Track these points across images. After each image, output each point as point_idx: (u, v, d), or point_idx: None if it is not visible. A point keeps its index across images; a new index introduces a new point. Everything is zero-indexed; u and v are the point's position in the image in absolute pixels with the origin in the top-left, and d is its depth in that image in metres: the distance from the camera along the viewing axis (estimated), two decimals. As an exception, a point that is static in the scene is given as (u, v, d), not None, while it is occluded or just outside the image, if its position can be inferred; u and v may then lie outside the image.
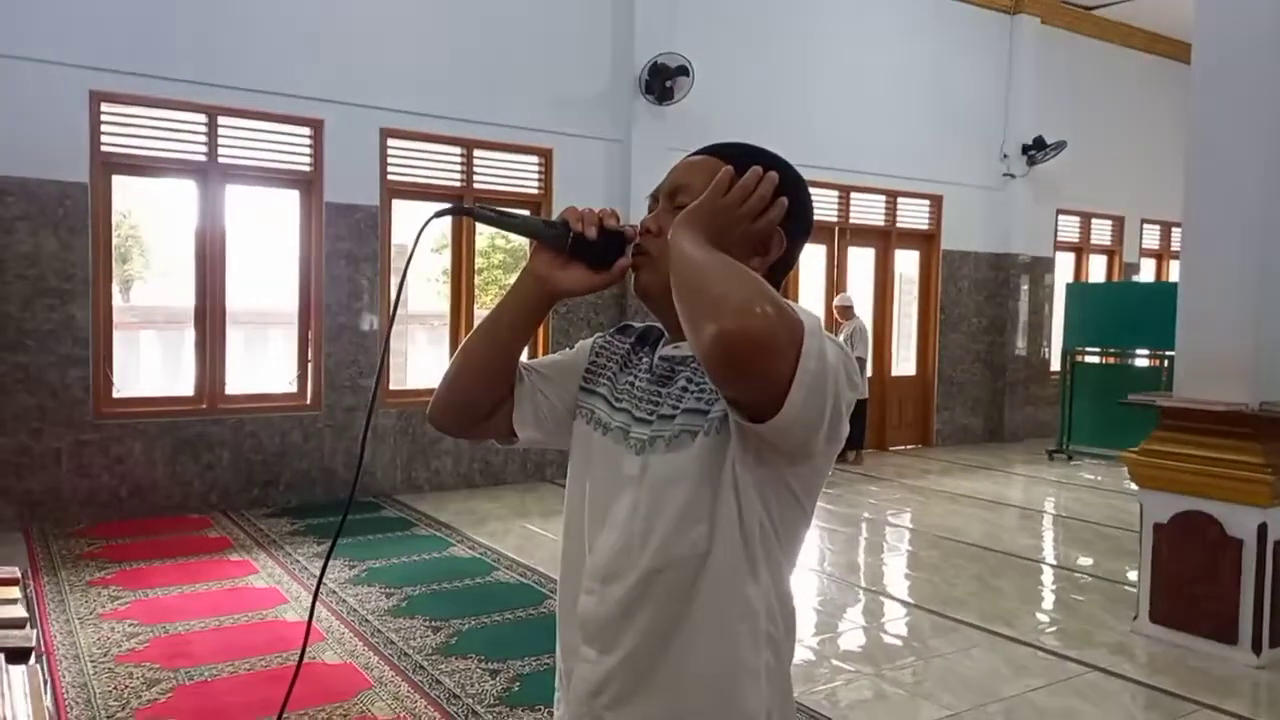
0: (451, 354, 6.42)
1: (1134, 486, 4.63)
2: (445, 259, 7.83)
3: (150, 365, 8.85)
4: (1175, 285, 4.60)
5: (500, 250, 12.08)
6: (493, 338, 1.33)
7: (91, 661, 3.83)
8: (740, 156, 1.23)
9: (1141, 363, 9.93)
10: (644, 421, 1.24)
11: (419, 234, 1.33)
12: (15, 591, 2.58)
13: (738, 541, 1.16)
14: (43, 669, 2.19)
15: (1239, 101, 4.24)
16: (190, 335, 6.58)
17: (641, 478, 1.21)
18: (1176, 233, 6.57)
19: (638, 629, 1.19)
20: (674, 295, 1.09)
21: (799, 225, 1.26)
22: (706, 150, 1.30)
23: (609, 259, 1.26)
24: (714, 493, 1.16)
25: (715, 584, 1.17)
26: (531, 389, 1.37)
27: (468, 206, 1.26)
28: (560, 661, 1.31)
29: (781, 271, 1.27)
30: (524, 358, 1.38)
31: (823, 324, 1.08)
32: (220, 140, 6.38)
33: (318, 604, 4.56)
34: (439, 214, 1.26)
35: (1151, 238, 12.25)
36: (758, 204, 1.15)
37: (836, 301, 8.95)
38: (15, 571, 2.73)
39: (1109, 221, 11.76)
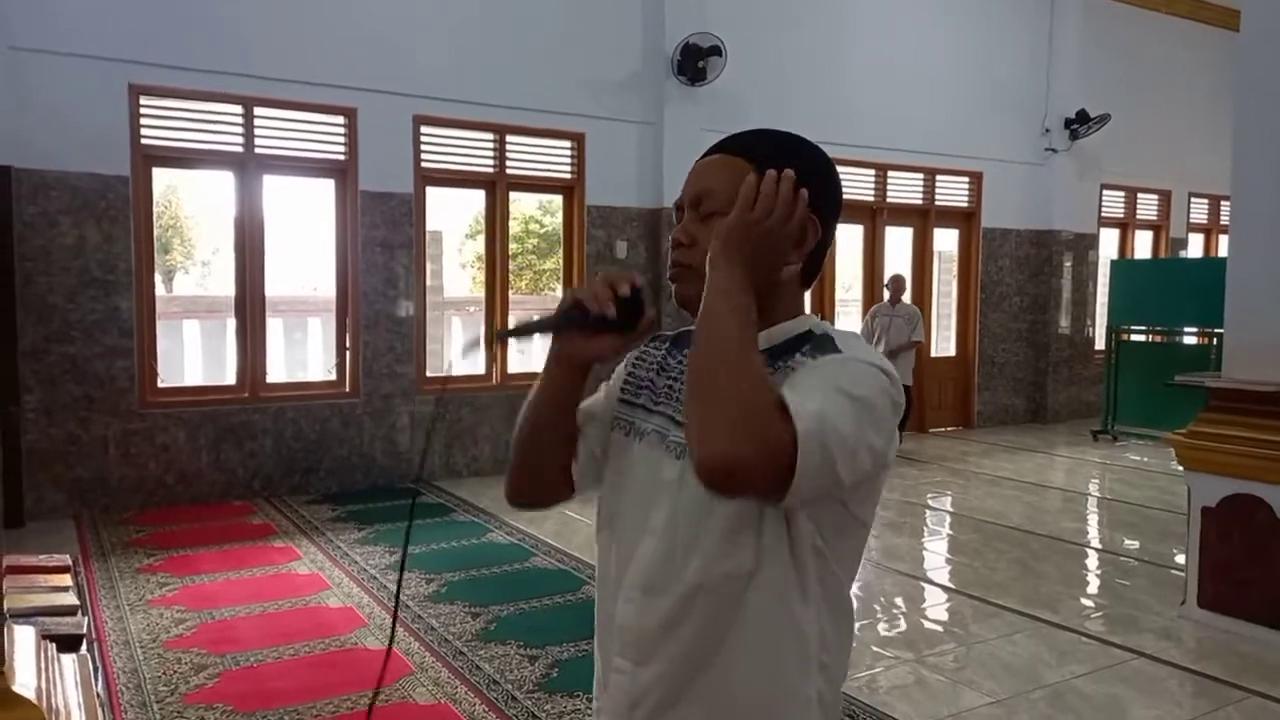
0: (487, 343, 6.32)
1: (1181, 468, 4.53)
2: (479, 244, 7.86)
3: (193, 355, 9.00)
4: (1224, 261, 4.48)
5: (534, 235, 12.10)
6: (541, 420, 1.32)
7: (141, 647, 3.91)
8: (757, 149, 1.20)
9: (1189, 341, 9.70)
10: (683, 425, 1.21)
11: (443, 397, 1.33)
12: (67, 579, 2.64)
13: (787, 563, 1.14)
14: (93, 656, 2.24)
15: (1292, 71, 4.10)
16: (231, 325, 6.68)
17: (681, 484, 1.18)
18: (1225, 207, 6.40)
19: (678, 644, 1.17)
20: (687, 373, 1.11)
21: (830, 205, 1.23)
22: (722, 147, 1.26)
23: (633, 319, 1.23)
24: (760, 511, 1.13)
25: (762, 604, 1.14)
26: (583, 437, 1.35)
27: (489, 337, 1.25)
28: (598, 666, 1.30)
29: (820, 255, 1.24)
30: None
31: (829, 404, 1.05)
32: (256, 131, 6.44)
33: (359, 589, 4.65)
34: (466, 351, 1.26)
35: (1199, 212, 11.94)
36: (785, 210, 1.12)
37: (894, 274, 8.69)
38: (67, 559, 2.80)
39: (1155, 196, 11.48)
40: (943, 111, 9.48)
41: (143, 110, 6.08)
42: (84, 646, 2.12)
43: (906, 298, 8.63)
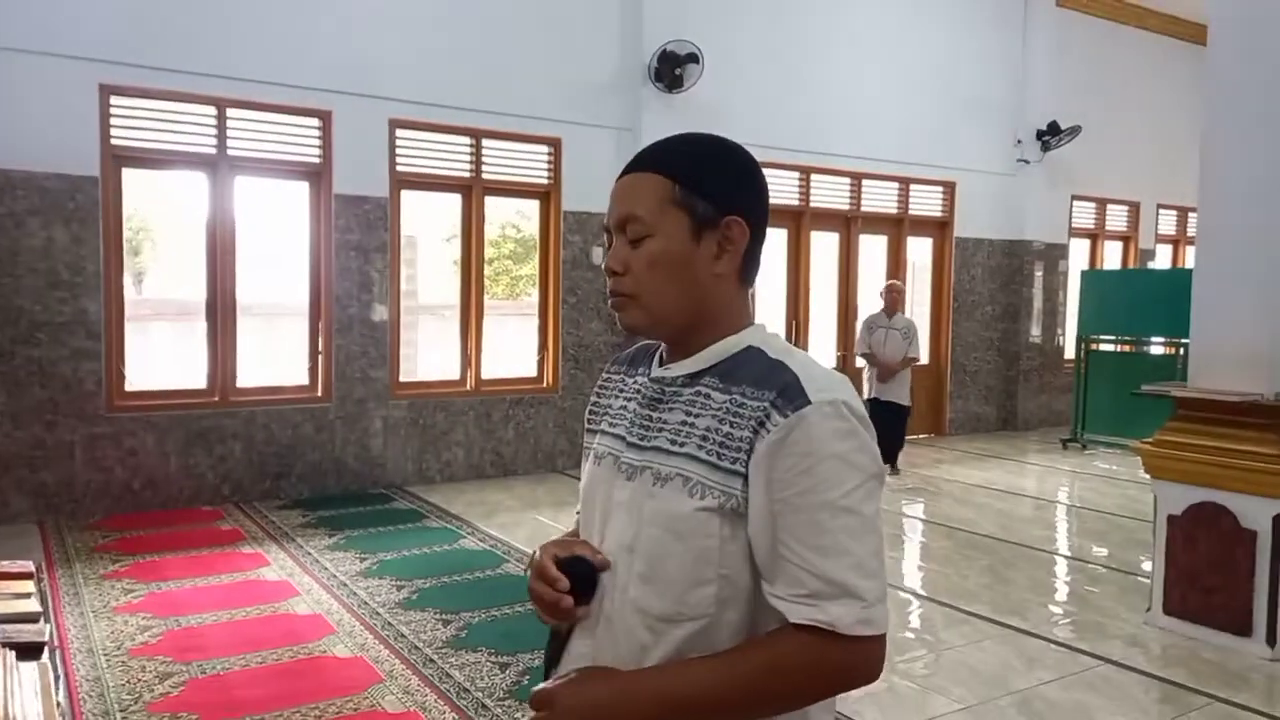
0: (463, 346, 6.34)
1: (1148, 476, 4.59)
2: (455, 248, 7.83)
3: (163, 358, 8.89)
4: (1190, 272, 4.55)
5: (511, 240, 12.07)
6: None
7: (105, 655, 3.86)
8: (680, 164, 1.19)
9: (1157, 350, 9.84)
10: (636, 447, 1.20)
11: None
12: (29, 585, 2.59)
13: (751, 599, 1.12)
14: (54, 664, 2.20)
15: (1254, 85, 4.17)
16: (202, 328, 6.60)
17: (633, 509, 1.17)
18: (1193, 218, 6.51)
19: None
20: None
21: (757, 207, 1.21)
22: (643, 163, 1.22)
23: (589, 585, 1.19)
24: (722, 556, 1.11)
25: (724, 640, 1.12)
26: None
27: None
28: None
29: (755, 251, 1.22)
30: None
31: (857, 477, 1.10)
32: (229, 132, 6.38)
33: (329, 596, 4.60)
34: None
35: (1168, 224, 12.12)
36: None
37: (890, 283, 8.13)
38: (29, 565, 2.75)
39: (1124, 207, 11.64)
40: (917, 122, 9.57)
41: (113, 110, 6.01)
42: (45, 654, 2.08)
43: (868, 307, 8.28)
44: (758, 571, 1.11)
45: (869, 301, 9.73)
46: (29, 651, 2.07)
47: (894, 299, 7.90)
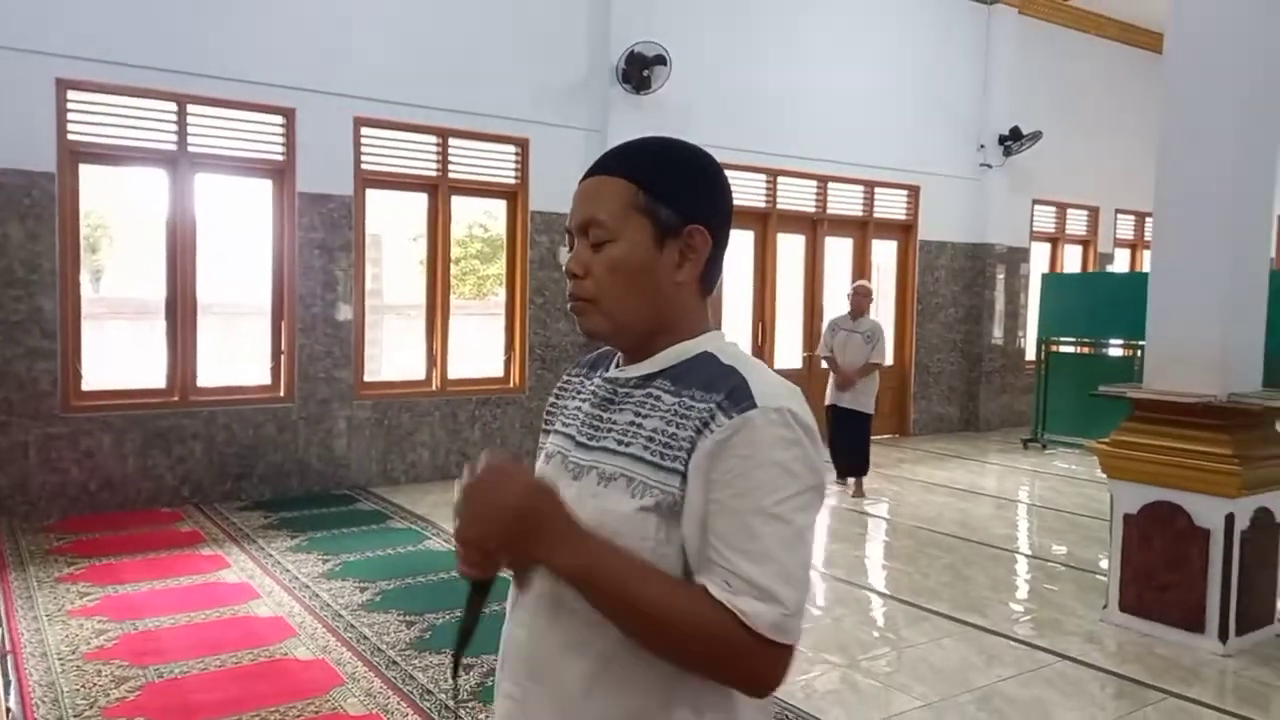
0: (429, 346, 6.29)
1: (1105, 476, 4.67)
2: (422, 248, 7.78)
3: (121, 357, 8.74)
4: (1148, 276, 4.63)
5: (478, 240, 12.00)
6: None
7: (59, 659, 3.78)
8: (644, 167, 1.18)
9: (1116, 353, 10.02)
10: (583, 446, 1.21)
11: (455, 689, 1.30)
12: (-22, 590, 2.55)
13: None
14: (5, 669, 2.16)
15: (1209, 93, 4.27)
16: (161, 326, 6.50)
17: (577, 509, 1.14)
18: (1150, 223, 6.61)
19: (568, 671, 1.14)
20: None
21: (719, 215, 1.22)
22: (606, 166, 1.21)
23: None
24: (657, 555, 1.10)
25: None
26: None
27: (454, 676, 1.28)
28: (495, 688, 1.27)
29: (716, 260, 1.22)
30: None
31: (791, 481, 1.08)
32: (190, 129, 6.29)
33: (290, 598, 4.55)
34: (456, 674, 1.27)
35: (1126, 228, 12.35)
36: (488, 504, 1.08)
37: (857, 285, 7.57)
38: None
39: (1084, 212, 11.84)
40: (882, 125, 9.67)
41: (70, 105, 5.90)
42: (-3, 659, 2.05)
43: (833, 309, 7.43)
44: (691, 575, 1.11)
45: (835, 304, 9.80)
46: (-21, 656, 2.03)
47: (860, 301, 7.38)
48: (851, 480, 7.39)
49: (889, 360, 9.32)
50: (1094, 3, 11.04)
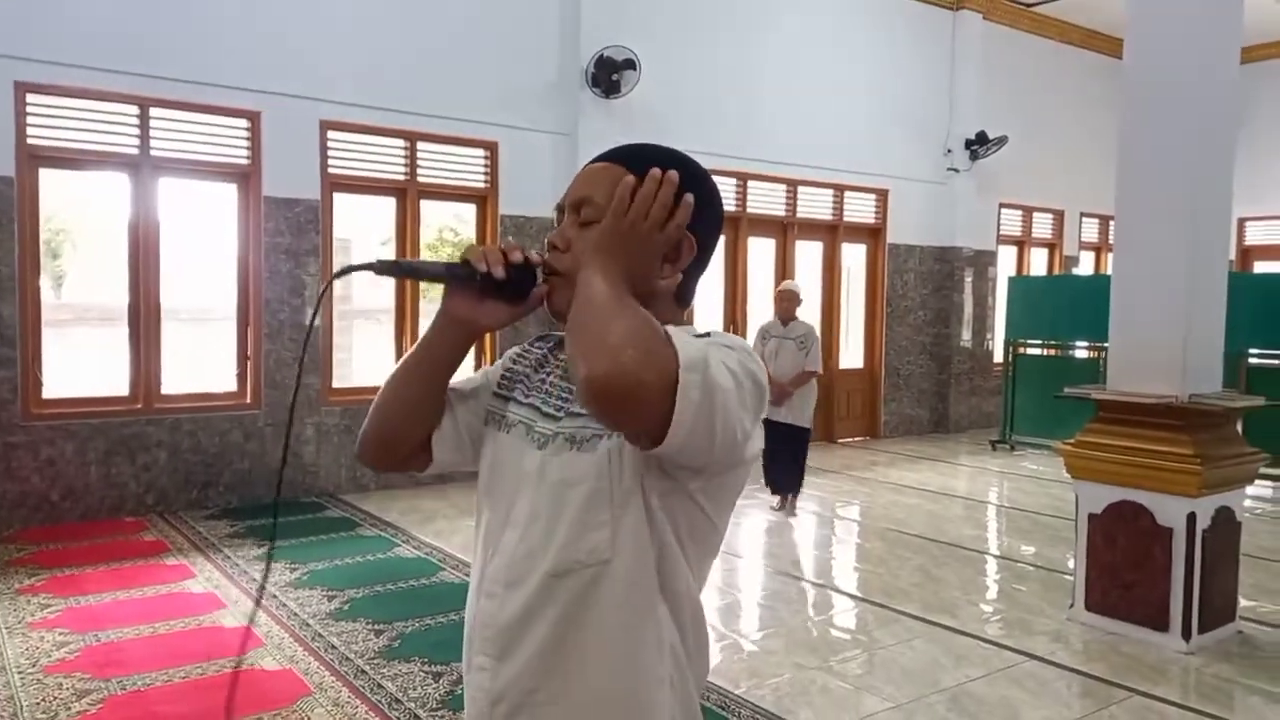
0: (398, 350, 6.29)
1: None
2: (390, 252, 7.72)
3: (85, 364, 8.59)
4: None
5: (448, 244, 11.94)
6: (416, 377, 1.31)
7: (19, 673, 3.71)
8: (642, 161, 1.20)
9: (1081, 354, 10.15)
10: (550, 417, 1.23)
11: (322, 291, 1.34)
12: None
13: (643, 551, 1.15)
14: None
15: (1169, 99, 4.33)
16: (125, 333, 6.40)
17: (541, 476, 1.20)
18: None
19: (536, 636, 1.17)
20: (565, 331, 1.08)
21: (709, 225, 1.24)
22: (607, 156, 1.27)
23: (523, 290, 1.24)
24: (617, 498, 1.14)
25: (618, 593, 1.15)
26: (450, 410, 1.35)
27: (368, 263, 1.24)
28: (464, 667, 1.29)
29: (696, 275, 1.25)
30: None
31: (720, 345, 1.08)
32: (153, 133, 6.20)
33: (258, 609, 4.49)
34: (340, 274, 1.25)
35: (1090, 231, 12.52)
36: (660, 212, 1.11)
37: (781, 288, 6.85)
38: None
39: (1050, 215, 11.99)
40: (851, 129, 9.74)
41: (29, 109, 5.80)
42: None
43: (801, 314, 6.70)
44: (653, 518, 1.14)
45: (806, 307, 9.85)
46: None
47: (787, 305, 6.58)
48: (784, 497, 6.75)
49: (822, 367, 9.01)
50: (1057, 9, 11.19)
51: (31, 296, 5.89)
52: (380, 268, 1.23)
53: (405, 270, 1.26)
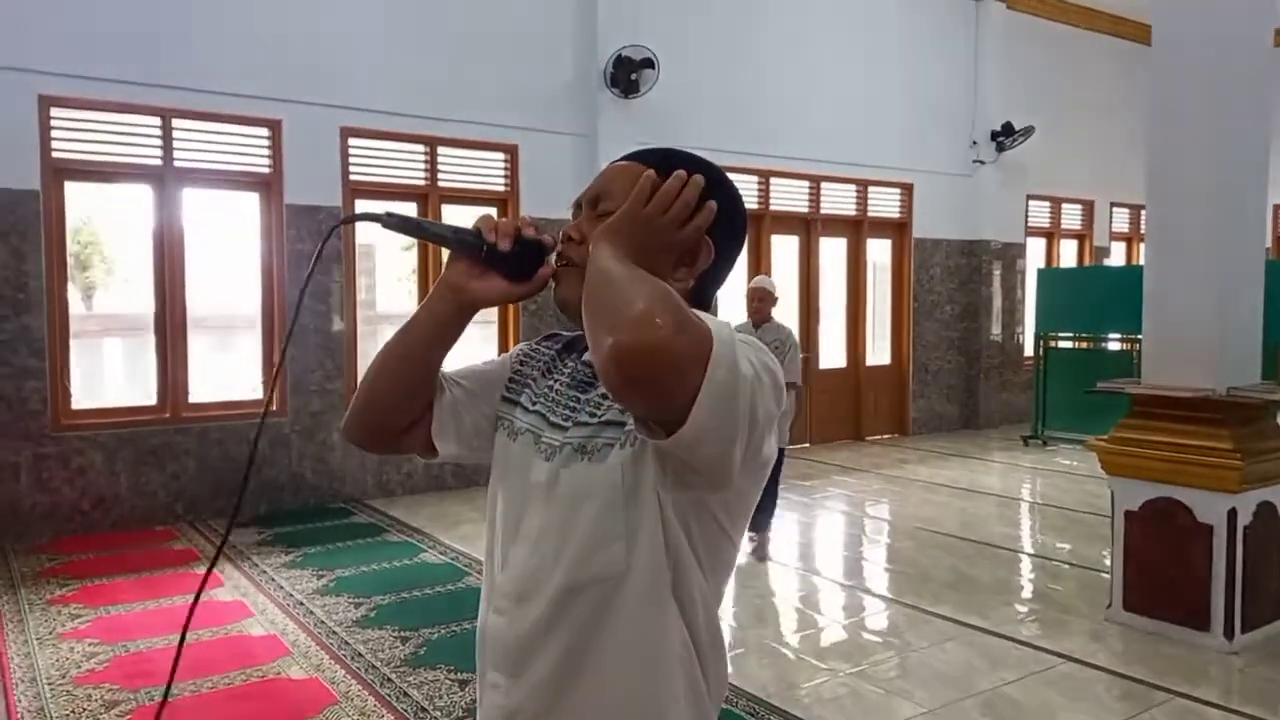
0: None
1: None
2: (414, 257, 7.73)
3: (114, 374, 8.69)
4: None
5: (471, 248, 11.93)
6: (409, 348, 1.27)
7: (49, 684, 3.73)
8: (666, 162, 1.17)
9: (1114, 347, 9.97)
10: (558, 427, 1.19)
11: (324, 239, 1.34)
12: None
13: (657, 564, 1.11)
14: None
15: (1199, 84, 4.22)
16: (152, 342, 6.45)
17: (552, 488, 1.16)
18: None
19: (550, 654, 1.14)
20: (582, 308, 1.03)
21: (729, 233, 1.20)
22: (633, 156, 1.25)
23: (528, 269, 1.21)
24: (630, 510, 1.10)
25: (633, 608, 1.11)
26: (452, 403, 1.31)
27: (376, 214, 1.21)
28: (477, 681, 1.26)
29: (712, 283, 1.22)
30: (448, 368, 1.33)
31: (738, 337, 1.02)
32: (175, 143, 6.24)
33: (284, 615, 4.50)
34: (345, 221, 1.23)
35: (1121, 221, 12.31)
36: (681, 210, 1.08)
37: (754, 284, 5.68)
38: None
39: (1079, 206, 11.80)
40: (874, 124, 9.62)
41: (54, 122, 5.85)
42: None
43: (777, 314, 5.67)
44: (668, 530, 1.10)
45: (831, 304, 9.79)
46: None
47: (759, 305, 5.55)
48: (757, 535, 5.51)
49: (801, 377, 7.35)
50: (1083, -4, 11.02)
51: (59, 309, 5.94)
52: (389, 221, 1.21)
53: (414, 228, 1.24)
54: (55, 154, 5.86)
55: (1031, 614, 4.70)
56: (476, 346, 8.64)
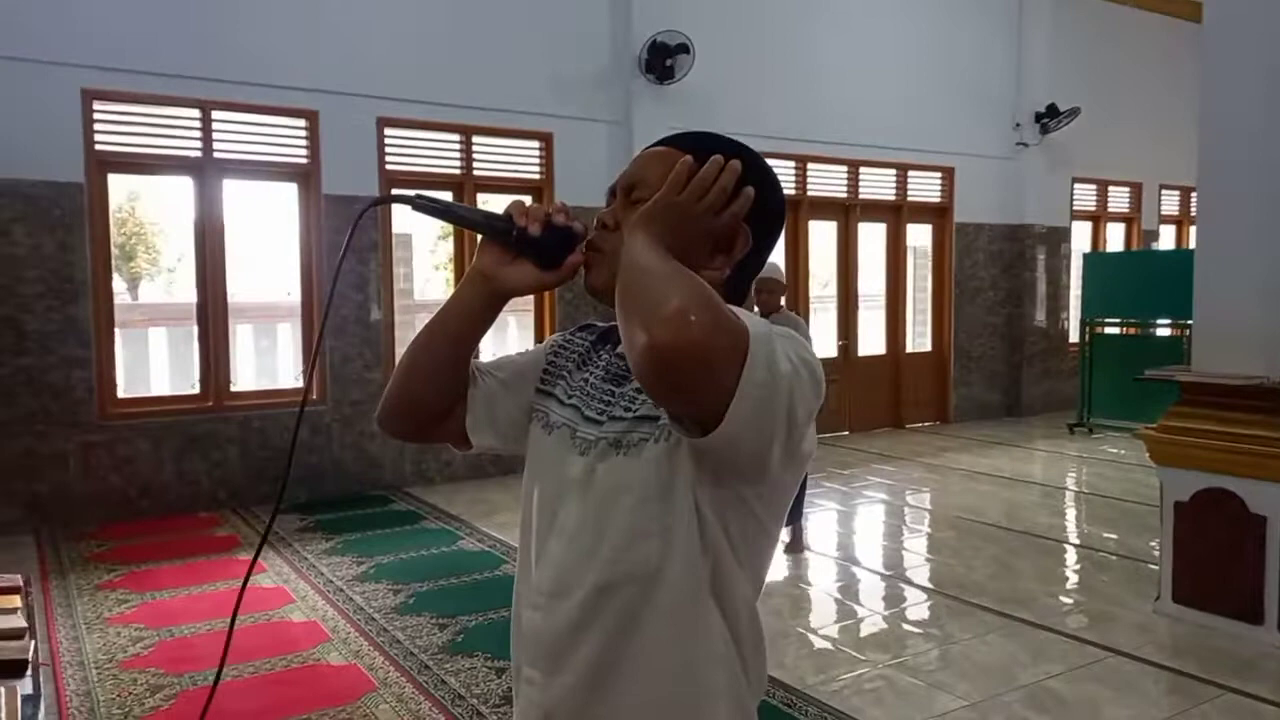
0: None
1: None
2: (450, 246, 7.76)
3: (159, 363, 8.85)
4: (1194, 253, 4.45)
5: (508, 236, 11.98)
6: (441, 336, 1.26)
7: (96, 668, 3.80)
8: (702, 147, 1.14)
9: (1163, 333, 9.74)
10: (593, 421, 1.17)
11: (355, 222, 1.30)
12: (16, 600, 2.54)
13: (694, 559, 1.08)
14: (37, 681, 2.14)
15: (1251, 62, 4.08)
16: (194, 332, 6.55)
17: (588, 483, 1.14)
18: (1196, 198, 6.41)
19: (586, 650, 1.12)
20: (616, 302, 1.00)
21: (766, 219, 1.17)
22: (668, 141, 1.22)
23: (559, 256, 1.19)
24: (666, 505, 1.08)
25: (670, 603, 1.09)
26: (487, 393, 1.30)
27: (407, 196, 1.20)
28: (513, 676, 1.24)
29: (750, 270, 1.19)
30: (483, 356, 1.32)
31: (776, 330, 0.99)
32: (215, 135, 6.31)
33: (324, 602, 4.55)
34: (376, 203, 1.22)
35: (1170, 204, 11.99)
36: (718, 197, 1.05)
37: (761, 275, 4.22)
38: (17, 579, 2.69)
39: (1126, 188, 11.52)
40: (913, 107, 9.45)
41: (96, 115, 5.94)
42: (28, 672, 2.02)
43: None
44: (705, 525, 1.07)
45: (871, 289, 9.66)
46: (11, 669, 2.01)
47: (769, 296, 5.19)
48: (792, 528, 5.45)
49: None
50: (1131, -28, 10.72)
51: (104, 299, 6.05)
52: (419, 203, 1.20)
53: (443, 210, 1.23)
54: (98, 146, 5.95)
55: (1077, 606, 4.61)
56: (513, 334, 8.67)
